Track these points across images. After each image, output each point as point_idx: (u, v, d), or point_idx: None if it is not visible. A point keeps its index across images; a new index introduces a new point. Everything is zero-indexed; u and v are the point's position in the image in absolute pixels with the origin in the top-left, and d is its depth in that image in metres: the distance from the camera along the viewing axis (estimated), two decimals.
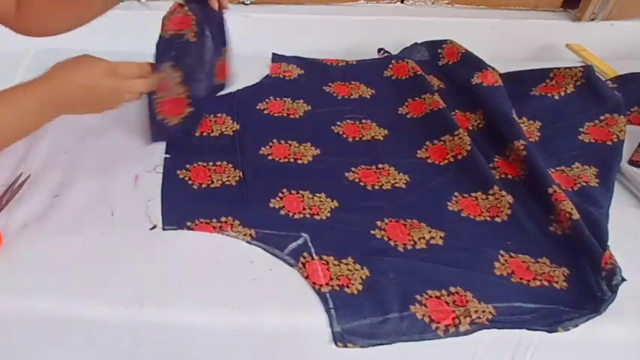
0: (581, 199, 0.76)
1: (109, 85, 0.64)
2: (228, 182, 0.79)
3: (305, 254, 0.68)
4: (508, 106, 0.89)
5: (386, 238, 0.71)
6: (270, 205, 0.75)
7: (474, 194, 0.79)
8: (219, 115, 0.91)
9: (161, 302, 0.63)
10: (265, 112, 0.94)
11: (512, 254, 0.70)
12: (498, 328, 0.62)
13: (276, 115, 0.93)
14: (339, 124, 0.92)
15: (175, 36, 0.74)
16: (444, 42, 1.07)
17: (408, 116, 0.94)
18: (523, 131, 0.85)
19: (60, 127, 0.77)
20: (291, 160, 0.84)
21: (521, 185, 0.80)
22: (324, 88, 1.00)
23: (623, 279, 0.64)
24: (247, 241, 0.69)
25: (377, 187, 0.80)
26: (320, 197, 0.77)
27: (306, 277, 0.65)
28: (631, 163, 0.84)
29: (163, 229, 0.71)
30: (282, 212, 0.74)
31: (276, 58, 1.07)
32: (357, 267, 0.67)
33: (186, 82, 0.77)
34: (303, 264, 0.67)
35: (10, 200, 0.72)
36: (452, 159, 0.84)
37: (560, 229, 0.72)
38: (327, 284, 0.65)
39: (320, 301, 0.63)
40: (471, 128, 0.90)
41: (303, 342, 0.64)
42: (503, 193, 0.77)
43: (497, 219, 0.75)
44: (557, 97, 0.93)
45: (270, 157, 0.84)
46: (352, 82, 1.02)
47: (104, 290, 0.63)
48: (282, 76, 1.03)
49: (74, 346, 0.66)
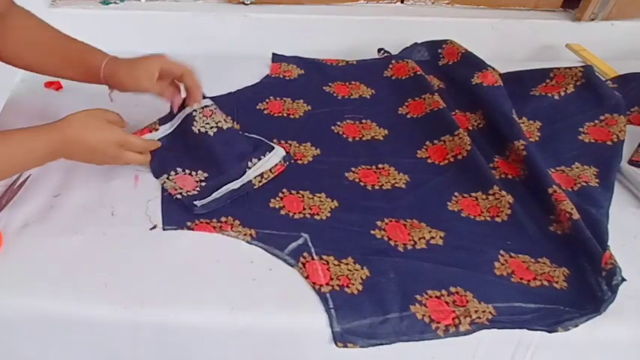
0: (581, 199, 0.76)
1: (114, 153, 0.71)
2: None
3: (305, 254, 0.68)
4: (508, 106, 0.89)
5: (386, 238, 0.71)
6: (271, 205, 0.75)
7: (474, 194, 0.79)
8: None
9: (161, 302, 0.63)
10: (265, 112, 0.94)
11: (513, 254, 0.70)
12: (498, 328, 0.62)
13: (276, 115, 0.93)
14: (339, 124, 0.92)
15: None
16: (444, 42, 1.07)
17: (408, 116, 0.94)
18: (523, 131, 0.85)
19: None
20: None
21: (522, 185, 0.80)
22: (324, 88, 1.00)
23: (623, 279, 0.64)
24: (247, 241, 0.70)
25: (377, 187, 0.80)
26: (320, 197, 0.77)
27: (306, 277, 0.65)
28: (631, 163, 0.84)
29: (163, 229, 0.71)
30: (283, 212, 0.74)
31: (276, 58, 1.07)
32: (357, 267, 0.67)
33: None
34: (303, 264, 0.67)
35: (10, 200, 0.73)
36: (452, 159, 0.84)
37: (560, 229, 0.72)
38: (327, 284, 0.65)
39: (320, 301, 0.63)
40: (471, 128, 0.90)
41: (303, 342, 0.64)
42: (504, 193, 0.77)
43: (498, 219, 0.75)
44: (557, 97, 0.93)
45: None
46: (352, 82, 1.02)
47: (104, 290, 0.63)
48: (282, 76, 1.03)
49: (74, 346, 0.66)
